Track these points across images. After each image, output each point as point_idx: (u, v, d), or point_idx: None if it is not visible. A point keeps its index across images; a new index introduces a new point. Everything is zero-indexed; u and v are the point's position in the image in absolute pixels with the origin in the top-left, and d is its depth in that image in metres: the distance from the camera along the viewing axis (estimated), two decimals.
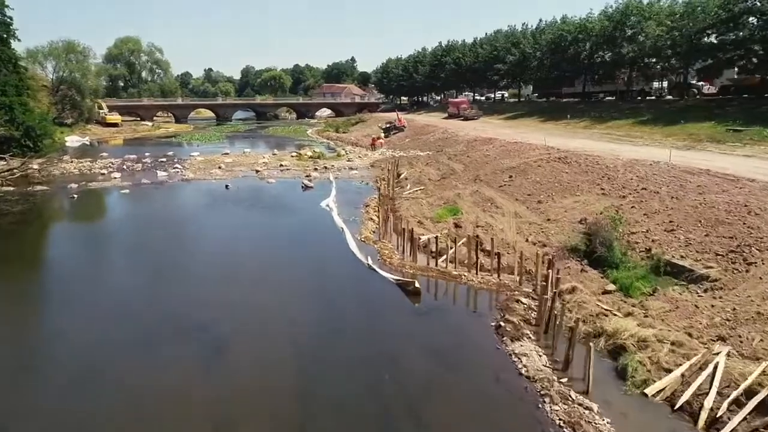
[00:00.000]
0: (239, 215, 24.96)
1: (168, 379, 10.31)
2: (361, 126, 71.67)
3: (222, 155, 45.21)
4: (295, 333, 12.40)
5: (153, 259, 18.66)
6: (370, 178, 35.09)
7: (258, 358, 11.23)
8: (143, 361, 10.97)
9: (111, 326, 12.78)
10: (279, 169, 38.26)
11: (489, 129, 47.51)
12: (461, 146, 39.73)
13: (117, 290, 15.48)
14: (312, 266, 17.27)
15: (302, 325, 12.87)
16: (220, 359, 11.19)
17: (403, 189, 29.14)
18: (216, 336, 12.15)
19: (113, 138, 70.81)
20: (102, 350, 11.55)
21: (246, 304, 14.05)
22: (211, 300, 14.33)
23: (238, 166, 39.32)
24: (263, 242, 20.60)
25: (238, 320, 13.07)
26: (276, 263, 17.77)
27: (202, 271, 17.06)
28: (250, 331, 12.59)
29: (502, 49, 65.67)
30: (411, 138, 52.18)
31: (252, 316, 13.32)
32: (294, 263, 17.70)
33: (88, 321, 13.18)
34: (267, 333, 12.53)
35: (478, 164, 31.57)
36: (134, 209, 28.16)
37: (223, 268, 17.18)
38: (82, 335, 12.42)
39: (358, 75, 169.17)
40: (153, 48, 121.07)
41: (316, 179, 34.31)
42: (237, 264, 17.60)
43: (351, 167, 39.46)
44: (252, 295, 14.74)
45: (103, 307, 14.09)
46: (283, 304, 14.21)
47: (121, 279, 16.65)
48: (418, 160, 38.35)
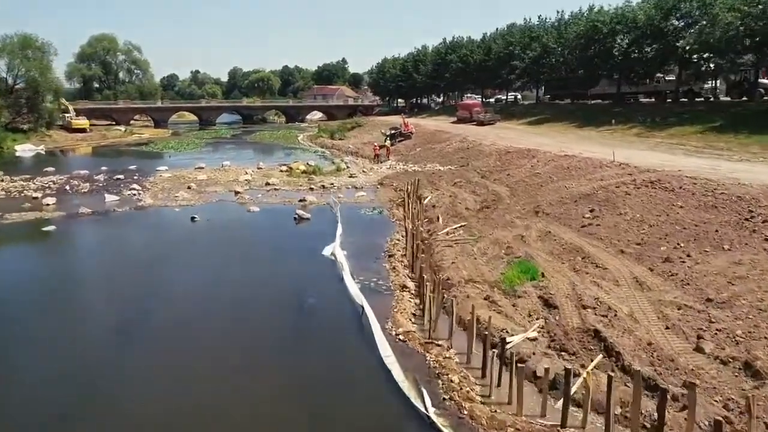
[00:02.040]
0: (200, 276, 16.88)
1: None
2: (359, 131, 63.76)
3: (195, 170, 37.11)
4: None
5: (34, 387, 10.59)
6: (381, 201, 27.29)
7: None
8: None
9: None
10: (265, 190, 30.30)
11: (515, 136, 39.91)
12: (492, 159, 32.01)
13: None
14: (318, 411, 9.26)
15: None
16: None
17: (432, 223, 21.32)
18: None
19: (77, 146, 62.31)
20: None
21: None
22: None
23: (213, 186, 31.27)
24: (231, 343, 12.09)
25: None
26: (248, 401, 9.69)
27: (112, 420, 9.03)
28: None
29: (518, 44, 58.15)
30: (421, 147, 44.40)
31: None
32: (284, 400, 9.70)
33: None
34: None
35: (529, 187, 23.83)
36: (40, 267, 18.60)
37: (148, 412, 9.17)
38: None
39: (349, 76, 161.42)
40: (130, 46, 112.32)
41: (312, 205, 26.42)
42: (180, 402, 9.58)
43: (355, 185, 31.60)
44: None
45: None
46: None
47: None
48: (440, 177, 30.55)
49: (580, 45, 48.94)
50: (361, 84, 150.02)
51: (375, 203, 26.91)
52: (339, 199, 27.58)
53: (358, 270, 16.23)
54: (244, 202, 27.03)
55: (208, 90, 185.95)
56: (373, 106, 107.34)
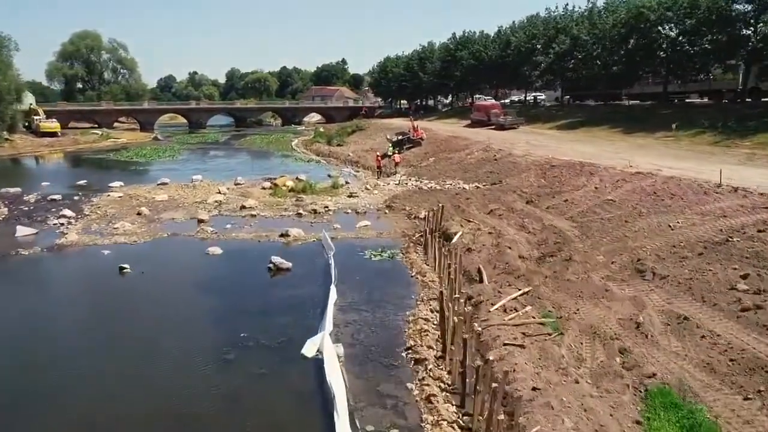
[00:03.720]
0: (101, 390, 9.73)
1: None
2: (360, 136, 56.49)
3: (157, 186, 29.92)
4: None
5: None
6: (391, 235, 20.13)
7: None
8: None
9: None
10: (239, 216, 23.13)
11: (550, 144, 32.76)
12: (532, 176, 24.82)
13: None
14: None
15: None
16: None
17: (473, 283, 14.11)
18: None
19: (40, 152, 55.07)
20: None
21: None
22: None
23: (172, 211, 24.07)
24: None
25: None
26: None
27: None
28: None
29: (542, 36, 50.96)
30: (435, 156, 37.18)
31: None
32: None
33: None
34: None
35: (606, 223, 16.60)
36: None
37: None
38: None
39: (349, 77, 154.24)
40: (116, 44, 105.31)
41: (297, 242, 19.26)
42: None
43: (356, 209, 24.43)
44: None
45: None
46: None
47: None
48: (467, 200, 23.29)
49: (619, 36, 41.81)
50: (361, 85, 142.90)
51: (383, 239, 19.73)
52: (335, 231, 20.41)
53: (364, 400, 9.07)
54: (205, 237, 19.83)
55: (205, 91, 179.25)
56: (374, 108, 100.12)
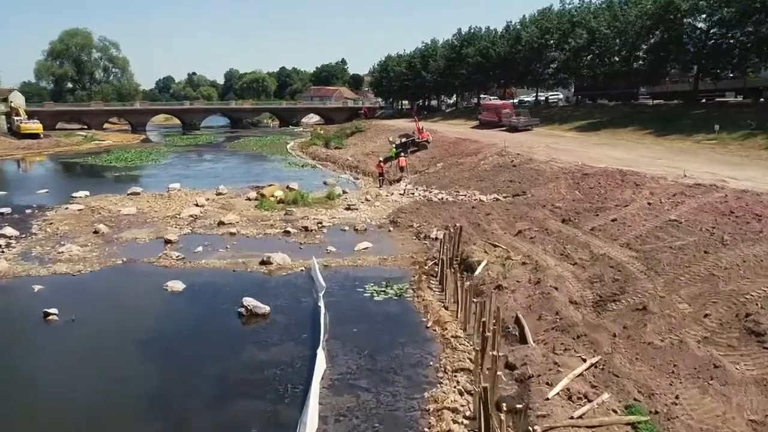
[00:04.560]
0: None
1: None
2: (360, 138, 52.68)
3: (127, 196, 26.16)
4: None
5: None
6: (398, 262, 16.39)
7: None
8: None
9: None
10: (215, 234, 19.38)
11: (574, 148, 29.02)
12: (563, 186, 21.04)
13: None
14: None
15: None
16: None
17: (510, 344, 10.36)
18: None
19: (16, 155, 51.27)
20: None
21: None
22: None
23: (137, 228, 20.31)
24: None
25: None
26: None
27: None
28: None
29: (557, 31, 47.18)
30: (443, 161, 33.37)
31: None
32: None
33: None
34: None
35: (680, 253, 12.75)
36: None
37: None
38: None
39: (349, 77, 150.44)
40: (106, 43, 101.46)
41: (281, 271, 15.52)
42: None
43: (354, 225, 20.66)
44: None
45: None
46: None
47: None
48: (487, 216, 19.49)
49: (643, 29, 38.07)
50: (361, 85, 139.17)
51: (388, 267, 15.97)
52: (328, 256, 16.67)
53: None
54: (168, 265, 16.07)
55: (203, 92, 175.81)
56: (375, 109, 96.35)
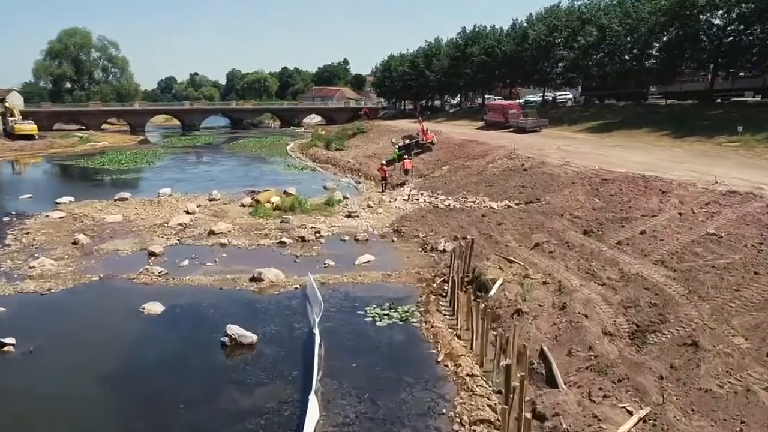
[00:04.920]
0: None
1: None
2: (362, 139, 51.16)
3: (114, 202, 24.66)
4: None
5: None
6: (403, 278, 14.85)
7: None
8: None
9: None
10: (205, 245, 17.86)
11: (589, 150, 27.47)
12: (581, 193, 19.46)
13: None
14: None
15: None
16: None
17: (537, 386, 8.81)
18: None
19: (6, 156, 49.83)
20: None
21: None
22: None
23: (119, 238, 18.81)
24: None
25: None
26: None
27: None
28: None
29: (566, 28, 45.59)
30: (449, 163, 31.80)
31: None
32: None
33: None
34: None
35: (727, 275, 11.13)
36: None
37: None
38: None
39: (351, 78, 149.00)
40: (106, 42, 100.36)
41: (273, 289, 13.98)
42: None
43: (356, 235, 19.09)
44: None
45: None
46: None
47: None
48: (499, 225, 17.91)
49: (657, 25, 36.50)
50: (363, 85, 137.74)
51: (392, 284, 14.42)
52: (326, 271, 15.16)
53: None
54: (149, 282, 14.56)
55: (205, 93, 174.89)
56: (377, 109, 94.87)
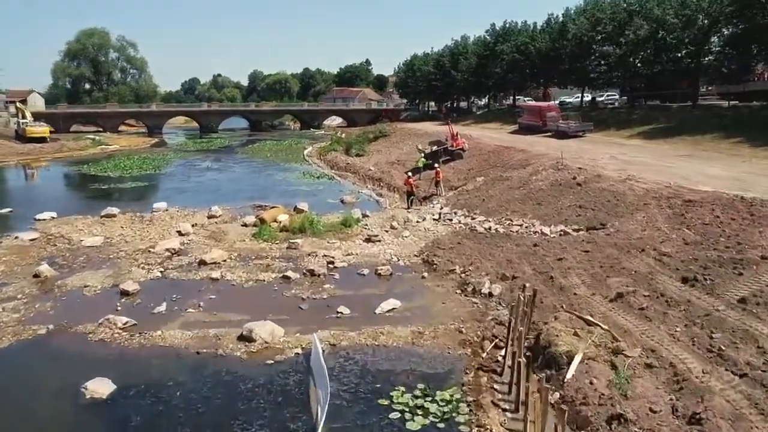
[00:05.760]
0: None
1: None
2: (384, 144, 47.57)
3: (98, 219, 21.46)
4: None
5: None
6: (437, 335, 11.14)
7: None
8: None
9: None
10: (190, 280, 14.42)
11: (650, 160, 23.37)
12: (657, 217, 15.46)
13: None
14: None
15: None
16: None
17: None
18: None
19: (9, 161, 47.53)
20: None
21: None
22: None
23: (92, 269, 15.48)
24: None
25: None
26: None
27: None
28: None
29: (611, 22, 41.18)
30: (483, 173, 27.92)
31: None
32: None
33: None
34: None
35: None
36: None
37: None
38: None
39: (373, 78, 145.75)
40: (124, 42, 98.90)
41: (266, 356, 10.40)
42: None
43: (377, 269, 15.39)
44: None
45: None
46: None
47: None
48: (559, 260, 14.04)
49: (723, 16, 32.09)
50: (385, 86, 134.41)
51: (424, 348, 10.73)
52: (338, 324, 11.56)
53: None
54: (109, 340, 11.17)
55: (227, 94, 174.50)
56: (399, 111, 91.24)
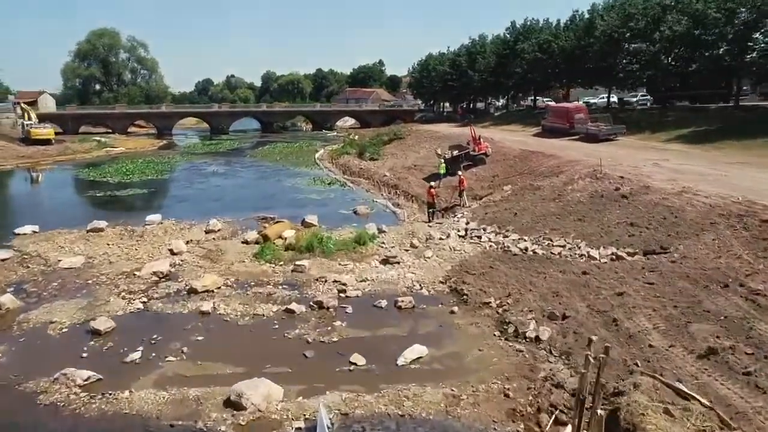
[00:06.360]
0: None
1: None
2: (399, 147, 45.08)
3: (85, 233, 19.29)
4: None
5: None
6: (479, 403, 8.66)
7: None
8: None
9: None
10: (176, 313, 12.14)
11: (704, 169, 20.67)
12: (731, 240, 12.85)
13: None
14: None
15: None
16: None
17: None
18: None
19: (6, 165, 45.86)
20: None
21: None
22: None
23: (64, 299, 13.24)
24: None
25: None
26: None
27: None
28: None
29: (644, 17, 38.29)
30: (510, 182, 25.33)
31: None
32: None
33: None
34: None
35: None
36: None
37: None
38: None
39: (386, 79, 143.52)
40: (134, 43, 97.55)
41: (259, 426, 8.03)
42: None
43: (397, 300, 13.00)
44: None
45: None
46: None
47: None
48: (619, 296, 11.54)
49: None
50: (399, 86, 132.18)
51: (463, 420, 8.31)
52: (351, 382, 9.17)
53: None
54: (63, 403, 8.91)
55: (240, 95, 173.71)
56: (413, 111, 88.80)
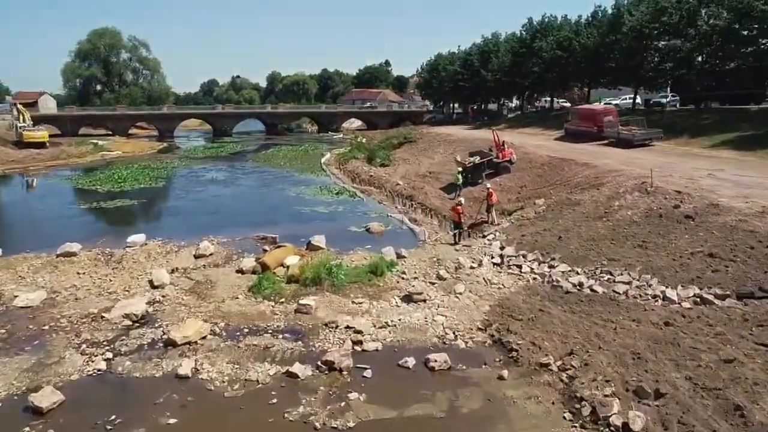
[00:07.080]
0: None
1: None
2: (411, 151, 42.17)
3: (54, 259, 16.59)
4: None
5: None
6: None
7: None
8: None
9: None
10: (146, 378, 9.40)
11: (758, 177, 17.78)
12: None
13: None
14: None
15: None
16: None
17: None
18: None
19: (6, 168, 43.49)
20: None
21: None
22: None
23: (10, 356, 10.54)
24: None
25: None
26: None
27: None
28: None
29: (678, 12, 35.36)
30: (541, 194, 22.46)
31: None
32: None
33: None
34: None
35: None
36: None
37: None
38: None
39: (393, 79, 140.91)
40: (136, 42, 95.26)
41: None
42: None
43: (429, 360, 10.20)
44: None
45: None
46: None
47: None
48: (730, 365, 8.75)
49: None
50: (406, 87, 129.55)
51: None
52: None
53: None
54: None
55: (245, 95, 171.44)
56: (422, 113, 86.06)
